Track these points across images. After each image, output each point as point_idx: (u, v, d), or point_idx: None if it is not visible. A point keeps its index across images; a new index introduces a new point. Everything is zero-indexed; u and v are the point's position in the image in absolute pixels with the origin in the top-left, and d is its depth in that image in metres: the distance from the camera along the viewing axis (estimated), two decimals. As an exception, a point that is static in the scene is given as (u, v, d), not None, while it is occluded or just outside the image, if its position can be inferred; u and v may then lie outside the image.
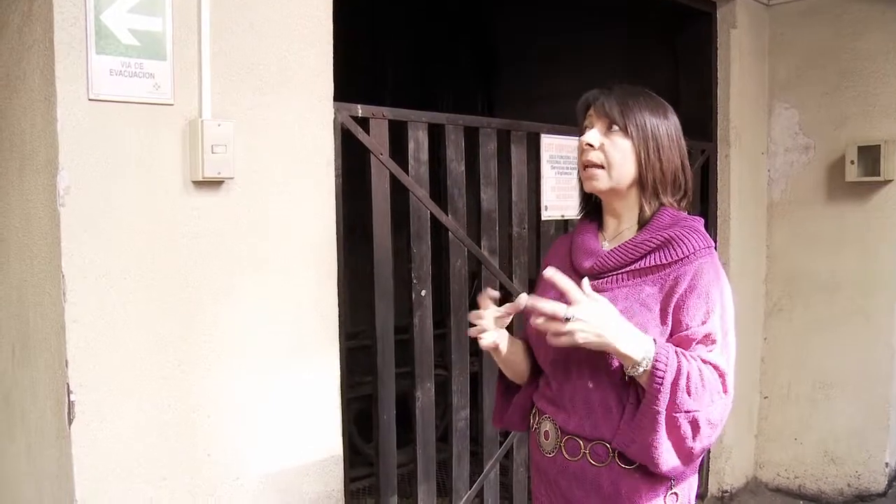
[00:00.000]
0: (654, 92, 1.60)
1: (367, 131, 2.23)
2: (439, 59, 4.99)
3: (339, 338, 2.13)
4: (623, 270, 1.52)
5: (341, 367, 2.15)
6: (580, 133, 1.59)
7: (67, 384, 1.69)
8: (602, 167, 1.52)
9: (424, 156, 2.40)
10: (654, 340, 1.41)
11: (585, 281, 1.42)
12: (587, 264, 1.55)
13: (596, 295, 1.40)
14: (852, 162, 3.52)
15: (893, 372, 3.66)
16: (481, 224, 2.66)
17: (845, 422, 3.73)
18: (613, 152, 1.51)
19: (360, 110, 2.20)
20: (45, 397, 1.84)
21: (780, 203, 3.87)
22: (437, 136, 2.48)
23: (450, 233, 2.51)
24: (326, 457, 2.12)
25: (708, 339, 1.45)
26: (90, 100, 1.68)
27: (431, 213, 2.43)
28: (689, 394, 1.39)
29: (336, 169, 2.10)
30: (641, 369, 1.38)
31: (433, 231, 2.45)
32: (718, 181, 3.66)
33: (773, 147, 3.86)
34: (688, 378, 1.39)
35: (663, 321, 1.46)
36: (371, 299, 2.30)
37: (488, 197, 2.65)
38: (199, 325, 1.86)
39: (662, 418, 1.39)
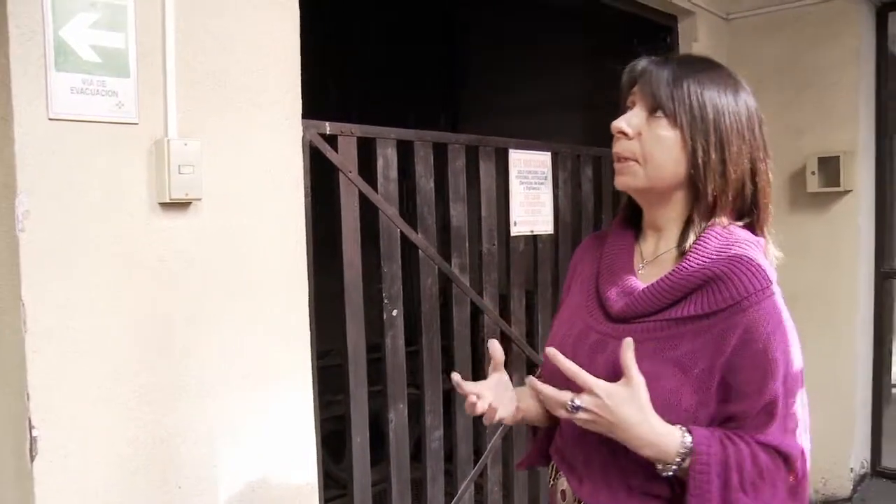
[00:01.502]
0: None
1: (335, 149, 2.17)
2: (405, 74, 4.96)
3: (312, 362, 2.07)
4: (658, 318, 1.18)
5: (314, 391, 2.09)
6: (621, 113, 1.26)
7: (29, 419, 1.60)
8: (636, 160, 1.21)
9: (394, 173, 2.36)
10: (690, 430, 1.10)
11: (629, 346, 1.10)
12: (617, 307, 1.24)
13: (635, 375, 1.09)
14: (813, 173, 3.57)
15: (857, 380, 3.72)
16: (451, 241, 2.62)
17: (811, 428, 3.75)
18: (653, 145, 1.19)
19: (328, 128, 2.15)
20: (2, 433, 1.75)
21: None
22: (404, 152, 2.44)
23: (420, 251, 2.46)
24: (302, 483, 2.05)
25: (765, 413, 1.13)
26: (50, 119, 1.60)
27: (402, 231, 2.38)
28: (744, 490, 1.10)
29: (304, 188, 2.04)
30: (673, 469, 1.11)
31: (403, 249, 2.40)
32: (682, 193, 3.67)
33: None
34: (739, 470, 1.09)
35: (704, 387, 1.13)
36: (342, 321, 2.23)
37: (458, 213, 2.62)
38: (167, 352, 1.79)
39: None
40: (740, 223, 1.24)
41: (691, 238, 1.22)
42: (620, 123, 1.22)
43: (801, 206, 3.72)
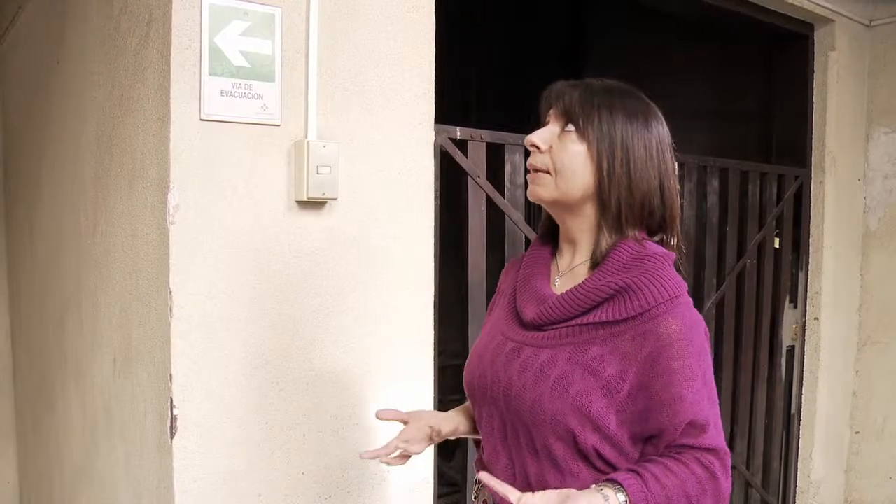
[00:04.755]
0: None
1: (464, 153, 2.22)
2: (528, 78, 4.96)
3: (434, 361, 2.12)
4: (571, 324, 1.24)
5: (434, 391, 2.15)
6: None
7: (171, 398, 1.72)
8: (548, 172, 1.27)
9: (520, 179, 2.39)
10: (620, 482, 1.11)
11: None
12: (530, 314, 1.29)
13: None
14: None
15: None
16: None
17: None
18: (562, 156, 1.25)
19: (458, 132, 2.20)
20: (146, 410, 1.88)
21: (878, 232, 3.72)
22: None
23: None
24: (419, 479, 2.11)
25: (692, 426, 1.16)
26: (202, 120, 1.72)
27: (526, 236, 2.41)
28: None
29: (434, 191, 2.10)
30: None
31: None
32: (812, 209, 3.54)
33: (871, 173, 3.73)
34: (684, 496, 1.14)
35: (614, 391, 1.17)
36: (464, 322, 2.28)
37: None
38: (298, 343, 1.88)
39: None
40: (654, 239, 1.29)
41: (602, 249, 1.26)
42: (533, 138, 1.29)
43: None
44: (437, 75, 2.10)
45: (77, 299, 2.52)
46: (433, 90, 2.08)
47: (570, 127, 1.26)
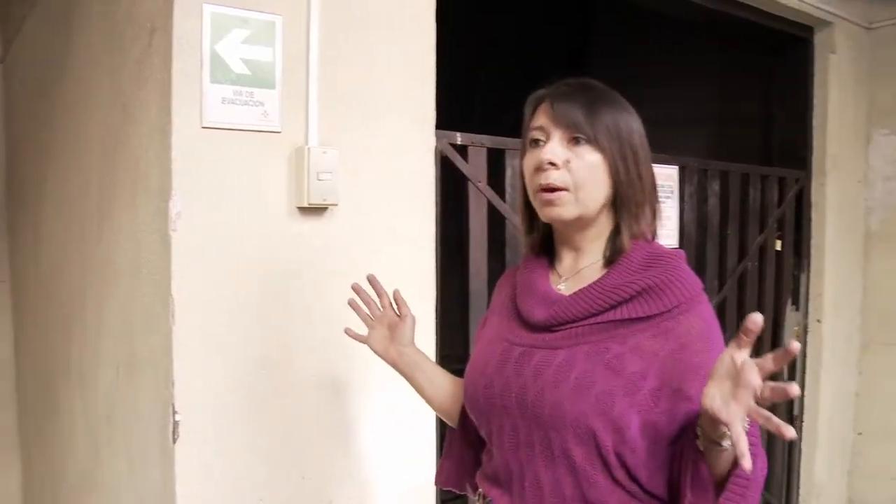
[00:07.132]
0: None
1: (465, 159, 2.23)
2: (530, 84, 4.99)
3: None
4: (586, 322, 1.20)
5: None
6: (524, 144, 1.28)
7: (173, 405, 1.72)
8: (567, 190, 1.20)
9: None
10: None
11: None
12: (541, 314, 1.24)
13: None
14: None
15: None
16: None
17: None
18: (581, 170, 1.19)
19: (458, 138, 2.21)
20: (149, 417, 1.89)
21: (879, 233, 3.73)
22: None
23: (543, 261, 2.49)
24: (422, 482, 2.12)
25: None
26: (203, 127, 1.72)
27: (526, 241, 2.42)
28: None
29: (435, 197, 2.10)
30: (718, 447, 1.03)
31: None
32: (813, 211, 3.55)
33: (872, 175, 3.74)
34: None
35: (634, 389, 1.13)
36: (465, 329, 2.29)
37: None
38: (298, 349, 1.89)
39: None
40: (654, 228, 1.28)
41: (617, 251, 1.24)
42: (547, 155, 1.21)
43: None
44: (439, 79, 2.11)
45: (81, 307, 2.53)
46: (434, 97, 2.09)
47: (581, 139, 1.21)
